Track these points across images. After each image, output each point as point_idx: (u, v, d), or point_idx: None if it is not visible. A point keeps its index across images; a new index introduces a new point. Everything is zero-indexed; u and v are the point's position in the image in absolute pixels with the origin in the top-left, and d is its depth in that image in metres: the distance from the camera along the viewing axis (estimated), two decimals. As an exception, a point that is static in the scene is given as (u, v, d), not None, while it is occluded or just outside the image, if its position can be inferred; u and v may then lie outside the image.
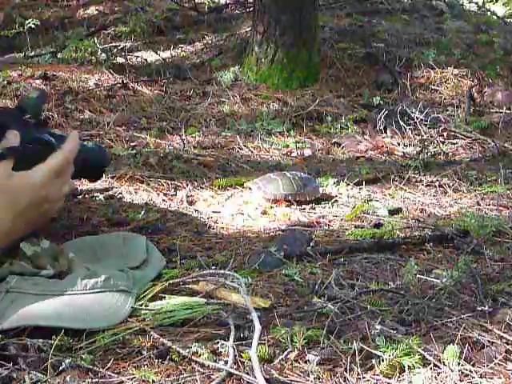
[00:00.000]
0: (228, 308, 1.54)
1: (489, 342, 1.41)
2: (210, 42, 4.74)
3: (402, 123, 3.60)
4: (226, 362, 1.29)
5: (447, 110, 3.94)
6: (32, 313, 1.40)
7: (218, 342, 1.36)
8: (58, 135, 1.59)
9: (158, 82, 4.04)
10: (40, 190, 1.42)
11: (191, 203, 2.44)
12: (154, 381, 1.24)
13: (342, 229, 2.21)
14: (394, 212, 2.40)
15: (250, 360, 1.29)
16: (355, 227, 2.22)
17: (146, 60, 4.41)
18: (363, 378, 1.28)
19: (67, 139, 1.48)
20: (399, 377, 1.29)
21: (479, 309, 1.56)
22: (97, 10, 5.35)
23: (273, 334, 1.40)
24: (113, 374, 1.26)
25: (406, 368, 1.30)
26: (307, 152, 3.28)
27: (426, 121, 3.66)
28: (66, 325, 1.37)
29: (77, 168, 1.55)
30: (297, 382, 1.26)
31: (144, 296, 1.59)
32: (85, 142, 1.82)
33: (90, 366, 1.27)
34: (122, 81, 3.88)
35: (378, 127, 3.61)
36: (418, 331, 1.46)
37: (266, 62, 4.08)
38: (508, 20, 5.94)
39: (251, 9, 4.50)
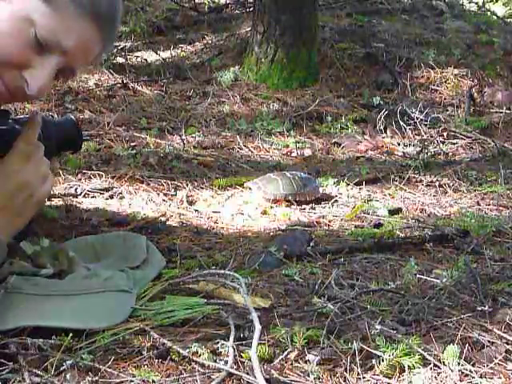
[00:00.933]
0: (228, 308, 1.54)
1: (489, 342, 1.41)
2: (210, 41, 4.74)
3: (402, 123, 3.60)
4: (226, 362, 1.29)
5: (447, 110, 3.94)
6: (32, 313, 1.39)
7: (218, 342, 1.36)
8: (24, 120, 1.56)
9: (157, 81, 4.05)
10: (15, 177, 1.38)
11: (191, 203, 2.44)
12: (154, 381, 1.24)
13: (341, 229, 2.21)
14: (393, 212, 2.40)
15: (250, 360, 1.29)
16: (355, 227, 2.22)
17: (146, 60, 4.42)
18: (363, 378, 1.28)
19: (27, 121, 1.46)
20: (399, 377, 1.29)
21: (479, 309, 1.56)
22: (97, 10, 5.34)
23: (273, 334, 1.40)
24: (113, 374, 1.26)
25: (406, 368, 1.30)
26: (307, 152, 3.28)
27: (426, 121, 3.67)
28: (66, 325, 1.37)
29: (52, 142, 1.54)
30: (297, 381, 1.26)
31: (144, 296, 1.59)
32: (53, 116, 1.80)
33: (90, 366, 1.27)
34: (122, 81, 3.88)
35: (378, 127, 3.62)
36: (418, 331, 1.46)
37: (266, 62, 4.08)
38: (508, 20, 5.94)
39: (251, 9, 4.50)
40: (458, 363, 1.31)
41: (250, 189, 2.55)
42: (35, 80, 1.27)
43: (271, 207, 2.44)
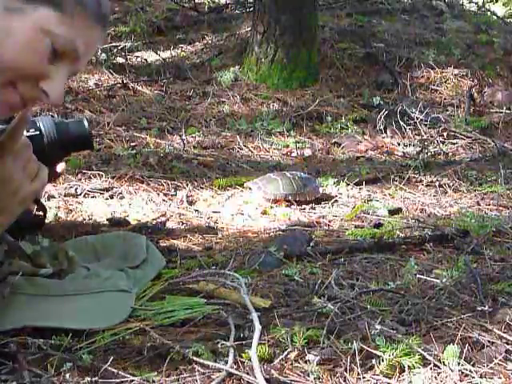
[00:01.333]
0: (228, 308, 1.54)
1: (489, 342, 1.41)
2: (210, 41, 4.74)
3: (402, 123, 3.60)
4: (226, 362, 1.29)
5: (447, 110, 3.94)
6: (32, 313, 1.39)
7: (218, 342, 1.36)
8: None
9: (157, 81, 4.04)
10: None
11: (191, 203, 2.44)
12: (153, 381, 1.24)
13: (342, 229, 2.21)
14: (394, 212, 2.40)
15: (250, 360, 1.29)
16: (355, 227, 2.22)
17: (146, 60, 4.41)
18: (363, 378, 1.28)
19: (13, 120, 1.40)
20: (399, 377, 1.29)
21: (479, 309, 1.56)
22: (97, 10, 5.33)
23: (273, 334, 1.40)
24: (113, 374, 1.26)
25: (406, 368, 1.30)
26: (307, 152, 3.28)
27: (426, 121, 3.67)
28: (65, 326, 1.37)
29: (55, 143, 1.52)
30: (297, 381, 1.26)
31: (144, 296, 1.59)
32: (63, 119, 1.75)
33: (90, 366, 1.27)
34: (122, 81, 3.88)
35: (378, 127, 3.62)
36: (418, 331, 1.46)
37: (266, 62, 4.08)
38: (508, 20, 5.94)
39: (251, 9, 4.50)
40: (458, 363, 1.31)
41: (250, 189, 2.55)
42: (55, 91, 1.26)
43: (271, 207, 2.44)
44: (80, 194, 2.39)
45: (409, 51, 4.52)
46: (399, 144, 3.46)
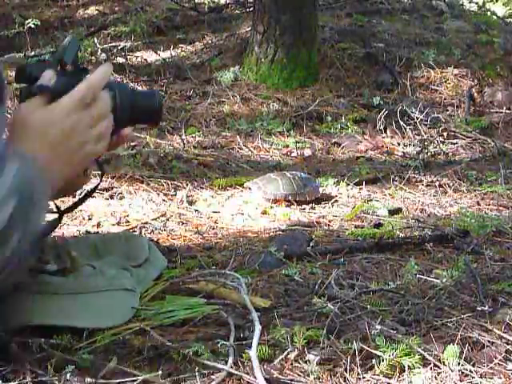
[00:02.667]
0: (228, 308, 1.54)
1: (489, 342, 1.41)
2: (210, 41, 4.74)
3: (402, 123, 3.60)
4: (226, 362, 1.29)
5: (447, 110, 3.94)
6: (37, 312, 1.39)
7: (218, 342, 1.36)
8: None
9: (157, 81, 4.05)
10: (65, 119, 1.27)
11: (191, 203, 2.45)
12: (154, 381, 1.24)
13: (342, 229, 2.21)
14: (393, 212, 2.40)
15: (250, 360, 1.29)
16: (355, 227, 2.22)
17: (146, 60, 4.42)
18: (363, 377, 1.28)
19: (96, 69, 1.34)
20: (399, 377, 1.29)
21: (479, 309, 1.56)
22: (97, 10, 5.35)
23: (273, 334, 1.40)
24: (113, 374, 1.26)
25: (406, 368, 1.30)
26: (307, 152, 3.28)
27: (426, 121, 3.67)
28: (71, 324, 1.37)
29: (125, 112, 1.42)
30: (297, 381, 1.26)
31: (144, 296, 1.59)
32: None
33: (91, 366, 1.27)
34: (122, 81, 3.88)
35: (377, 127, 3.62)
36: (418, 331, 1.46)
37: (266, 61, 4.08)
38: (508, 20, 5.93)
39: (251, 9, 4.50)
40: (458, 363, 1.31)
41: (249, 189, 2.55)
42: None
43: (271, 207, 2.44)
44: (80, 194, 2.39)
45: (409, 51, 4.52)
46: (399, 144, 3.46)
